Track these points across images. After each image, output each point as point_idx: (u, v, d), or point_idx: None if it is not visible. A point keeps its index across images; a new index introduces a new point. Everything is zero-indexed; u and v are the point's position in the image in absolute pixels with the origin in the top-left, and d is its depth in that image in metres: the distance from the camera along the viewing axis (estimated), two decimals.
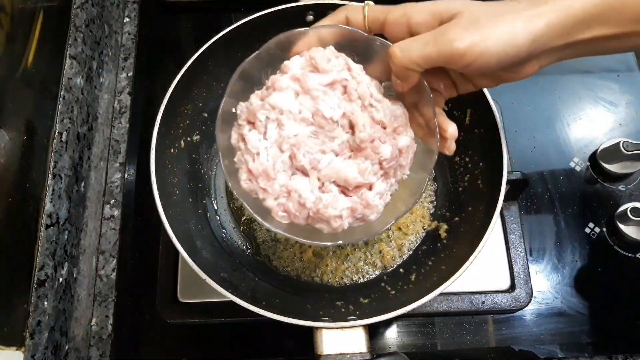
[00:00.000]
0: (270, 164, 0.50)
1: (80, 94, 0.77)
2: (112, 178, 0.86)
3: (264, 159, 0.50)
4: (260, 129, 0.51)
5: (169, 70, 0.98)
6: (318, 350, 0.57)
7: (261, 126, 0.51)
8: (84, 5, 0.81)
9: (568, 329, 0.77)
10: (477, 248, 0.62)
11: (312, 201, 0.50)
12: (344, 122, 0.51)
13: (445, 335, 0.77)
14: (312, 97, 0.50)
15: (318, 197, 0.51)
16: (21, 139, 0.64)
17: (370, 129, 0.50)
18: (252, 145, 0.51)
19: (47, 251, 0.64)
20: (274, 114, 0.50)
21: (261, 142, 0.51)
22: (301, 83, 0.50)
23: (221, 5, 1.02)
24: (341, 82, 0.51)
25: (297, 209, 0.51)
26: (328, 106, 0.50)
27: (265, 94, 0.52)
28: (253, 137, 0.51)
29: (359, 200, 0.52)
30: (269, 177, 0.50)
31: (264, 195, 0.51)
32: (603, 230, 0.83)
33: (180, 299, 0.75)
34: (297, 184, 0.51)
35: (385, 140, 0.51)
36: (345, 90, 0.51)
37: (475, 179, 0.74)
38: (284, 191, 0.51)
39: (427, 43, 0.45)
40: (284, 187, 0.51)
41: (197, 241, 0.70)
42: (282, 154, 0.50)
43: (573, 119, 0.92)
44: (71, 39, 0.77)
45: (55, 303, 0.65)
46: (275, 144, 0.51)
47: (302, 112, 0.50)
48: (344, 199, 0.52)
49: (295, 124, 0.50)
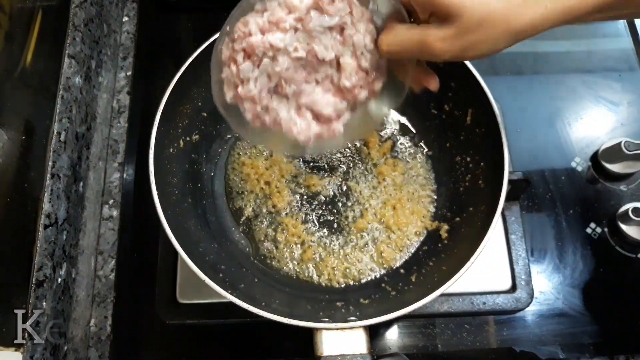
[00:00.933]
0: (257, 91, 0.55)
1: (79, 94, 0.77)
2: (111, 178, 0.86)
3: (252, 87, 0.55)
4: (255, 62, 0.54)
5: (168, 69, 0.97)
6: (318, 351, 0.57)
7: (256, 60, 0.54)
8: (82, 5, 0.80)
9: (569, 329, 0.77)
10: (478, 248, 0.61)
11: (286, 121, 0.57)
12: (332, 59, 0.55)
13: (446, 336, 0.76)
14: (310, 36, 0.53)
15: (293, 120, 0.57)
16: (19, 139, 0.63)
17: (355, 76, 0.55)
18: (243, 74, 0.54)
19: (45, 252, 0.64)
20: (271, 51, 0.53)
21: (253, 72, 0.55)
22: (304, 23, 0.53)
23: (221, 4, 1.01)
24: (341, 26, 0.54)
25: (271, 124, 0.57)
26: (322, 47, 0.54)
27: (266, 26, 0.54)
28: (246, 67, 0.54)
29: (327, 128, 0.58)
30: (254, 101, 0.55)
31: (245, 109, 0.57)
32: (604, 231, 0.83)
33: (179, 299, 0.74)
34: (276, 104, 0.56)
35: (364, 86, 0.56)
36: (342, 34, 0.54)
37: (477, 179, 0.74)
38: (264, 107, 0.57)
39: (411, 50, 0.49)
40: (265, 106, 0.56)
41: (196, 241, 0.70)
42: (269, 82, 0.55)
43: (574, 118, 0.92)
44: (70, 38, 0.77)
45: (53, 304, 0.65)
46: (264, 73, 0.54)
47: (298, 52, 0.53)
48: (314, 126, 0.58)
49: (288, 59, 0.54)
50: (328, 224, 0.78)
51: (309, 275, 0.75)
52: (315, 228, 0.78)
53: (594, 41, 0.99)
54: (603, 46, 0.99)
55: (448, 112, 0.80)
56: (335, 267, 0.75)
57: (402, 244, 0.77)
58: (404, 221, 0.77)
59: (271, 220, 0.78)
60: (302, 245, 0.77)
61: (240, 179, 0.81)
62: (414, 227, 0.78)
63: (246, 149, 0.84)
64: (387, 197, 0.79)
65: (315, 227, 0.78)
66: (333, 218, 0.79)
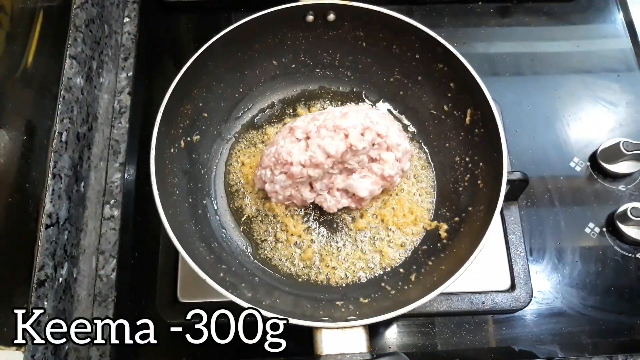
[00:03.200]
0: (279, 188, 0.74)
1: (80, 94, 0.77)
2: (112, 178, 0.86)
3: (277, 188, 0.74)
4: (297, 180, 0.73)
5: (168, 70, 0.98)
6: (318, 350, 0.57)
7: (302, 181, 0.74)
8: (83, 5, 0.81)
9: (568, 329, 0.77)
10: (477, 248, 0.62)
11: (311, 198, 0.76)
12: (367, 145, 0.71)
13: (445, 335, 0.77)
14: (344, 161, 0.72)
15: (323, 197, 0.76)
16: (21, 139, 0.64)
17: (393, 167, 0.72)
18: (277, 183, 0.74)
19: (47, 251, 0.64)
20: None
21: (285, 182, 0.73)
22: (336, 159, 0.70)
23: (221, 5, 1.02)
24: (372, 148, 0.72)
25: (298, 201, 0.77)
26: (355, 162, 0.73)
27: (307, 163, 0.70)
28: (280, 179, 0.72)
29: (357, 203, 0.76)
30: (277, 193, 0.76)
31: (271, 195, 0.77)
32: (603, 230, 0.83)
33: (180, 299, 0.75)
34: (305, 192, 0.75)
35: (398, 172, 0.74)
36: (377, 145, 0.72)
37: (476, 179, 0.74)
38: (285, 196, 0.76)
39: None
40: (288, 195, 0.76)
41: (197, 241, 0.70)
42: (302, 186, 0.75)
43: (573, 119, 0.92)
44: (71, 39, 0.77)
45: (55, 303, 0.65)
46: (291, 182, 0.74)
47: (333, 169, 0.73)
48: (344, 200, 0.76)
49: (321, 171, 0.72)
50: (328, 224, 0.79)
51: (308, 275, 0.75)
52: (315, 228, 0.78)
53: (592, 42, 1.00)
54: (602, 47, 0.99)
55: (447, 113, 0.80)
56: (335, 266, 0.75)
57: (401, 243, 0.77)
58: (404, 221, 0.78)
59: (271, 220, 0.79)
60: (302, 245, 0.77)
61: (240, 179, 0.82)
62: (413, 226, 0.78)
63: (246, 149, 0.84)
64: (386, 197, 0.80)
65: (315, 227, 0.78)
66: (333, 218, 0.79)
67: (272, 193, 0.75)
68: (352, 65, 0.86)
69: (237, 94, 0.84)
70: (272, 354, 0.76)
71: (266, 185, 0.74)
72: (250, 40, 0.79)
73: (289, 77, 0.87)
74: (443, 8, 1.02)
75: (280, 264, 0.76)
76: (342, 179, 0.74)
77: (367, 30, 0.80)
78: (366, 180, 0.73)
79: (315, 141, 0.69)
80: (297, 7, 0.77)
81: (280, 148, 0.71)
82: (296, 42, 0.83)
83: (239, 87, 0.84)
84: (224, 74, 0.80)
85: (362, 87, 0.87)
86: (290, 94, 0.88)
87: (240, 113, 0.86)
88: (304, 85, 0.88)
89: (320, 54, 0.85)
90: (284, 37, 0.81)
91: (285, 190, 0.74)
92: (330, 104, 0.87)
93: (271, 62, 0.84)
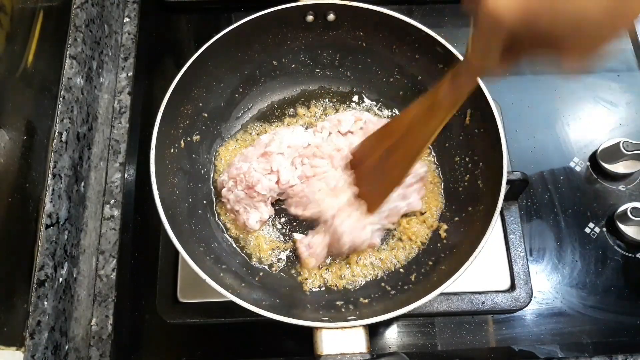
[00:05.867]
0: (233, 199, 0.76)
1: (80, 94, 0.77)
2: (112, 178, 0.86)
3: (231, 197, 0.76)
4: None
5: (168, 70, 0.98)
6: (318, 350, 0.57)
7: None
8: (83, 5, 0.81)
9: (568, 329, 0.77)
10: (477, 248, 0.62)
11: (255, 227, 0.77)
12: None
13: (445, 335, 0.77)
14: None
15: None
16: (21, 139, 0.64)
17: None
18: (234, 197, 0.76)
19: (47, 251, 0.64)
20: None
21: (242, 198, 0.75)
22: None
23: (221, 5, 1.02)
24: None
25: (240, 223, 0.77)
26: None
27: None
28: (239, 194, 0.75)
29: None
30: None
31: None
32: (603, 230, 0.83)
33: (180, 299, 0.75)
34: (251, 216, 0.76)
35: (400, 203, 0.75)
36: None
37: (476, 179, 0.74)
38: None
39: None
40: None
41: (197, 241, 0.70)
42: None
43: (573, 119, 0.92)
44: (71, 38, 0.77)
45: (55, 303, 0.65)
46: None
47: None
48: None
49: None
50: None
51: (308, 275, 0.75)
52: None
53: None
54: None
55: None
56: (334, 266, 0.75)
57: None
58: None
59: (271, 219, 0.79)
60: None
61: None
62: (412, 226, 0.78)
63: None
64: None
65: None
66: None
67: (224, 199, 0.76)
68: (352, 65, 0.86)
69: (237, 94, 0.84)
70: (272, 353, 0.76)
71: (223, 190, 0.76)
72: (250, 40, 0.79)
73: (288, 77, 0.87)
74: (443, 8, 1.02)
75: (279, 264, 0.76)
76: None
77: (367, 30, 0.80)
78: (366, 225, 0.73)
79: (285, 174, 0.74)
80: (297, 7, 0.77)
81: (253, 172, 0.74)
82: (296, 42, 0.83)
83: (239, 87, 0.84)
84: (224, 74, 0.80)
85: (362, 87, 0.87)
86: (290, 94, 0.88)
87: (240, 113, 0.86)
88: (304, 85, 0.88)
89: (320, 54, 0.85)
90: (283, 37, 0.81)
91: (235, 204, 0.75)
92: (330, 103, 0.87)
93: (271, 62, 0.84)
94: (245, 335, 0.77)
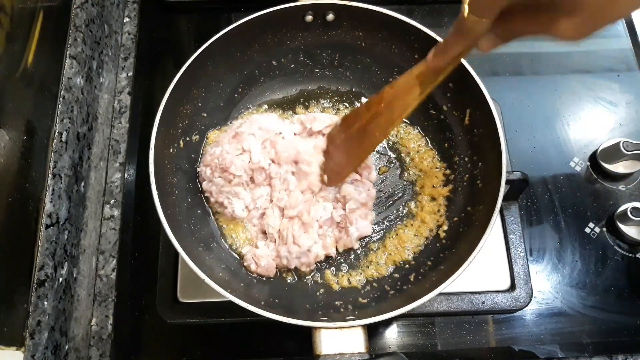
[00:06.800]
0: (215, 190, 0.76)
1: (80, 94, 0.78)
2: (112, 178, 0.87)
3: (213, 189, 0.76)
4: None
5: (168, 70, 0.98)
6: (317, 350, 0.57)
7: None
8: (83, 5, 0.81)
9: (568, 329, 0.77)
10: (476, 248, 0.62)
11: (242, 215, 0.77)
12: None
13: (445, 335, 0.77)
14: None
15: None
16: (21, 139, 0.64)
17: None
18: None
19: (47, 251, 0.64)
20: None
21: (223, 186, 0.75)
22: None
23: (221, 5, 1.02)
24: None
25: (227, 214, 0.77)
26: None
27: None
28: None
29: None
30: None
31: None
32: (603, 230, 0.83)
33: (180, 299, 0.75)
34: (236, 205, 0.75)
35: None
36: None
37: (475, 179, 0.74)
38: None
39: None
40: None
41: (197, 241, 0.70)
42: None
43: (573, 119, 0.92)
44: (71, 38, 0.77)
45: (55, 303, 0.65)
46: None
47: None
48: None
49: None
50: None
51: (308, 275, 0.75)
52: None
53: (592, 42, 1.00)
54: (602, 47, 0.99)
55: (446, 113, 0.80)
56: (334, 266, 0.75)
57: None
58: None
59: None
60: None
61: None
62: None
63: None
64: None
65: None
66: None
67: (207, 192, 0.76)
68: (352, 65, 0.86)
69: (237, 94, 0.84)
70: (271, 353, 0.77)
71: (204, 183, 0.76)
72: (249, 40, 0.79)
73: (288, 77, 0.87)
74: (443, 8, 1.02)
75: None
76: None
77: (366, 30, 0.80)
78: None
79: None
80: (296, 7, 0.77)
81: (225, 154, 0.73)
82: (295, 42, 0.83)
83: (238, 87, 0.84)
84: (223, 74, 0.80)
85: (362, 87, 0.87)
86: (290, 94, 0.88)
87: (240, 113, 0.86)
88: (303, 85, 0.88)
89: (319, 54, 0.85)
90: (283, 37, 0.81)
91: (219, 196, 0.75)
92: (329, 103, 0.87)
93: (270, 62, 0.84)
94: (245, 335, 0.77)
